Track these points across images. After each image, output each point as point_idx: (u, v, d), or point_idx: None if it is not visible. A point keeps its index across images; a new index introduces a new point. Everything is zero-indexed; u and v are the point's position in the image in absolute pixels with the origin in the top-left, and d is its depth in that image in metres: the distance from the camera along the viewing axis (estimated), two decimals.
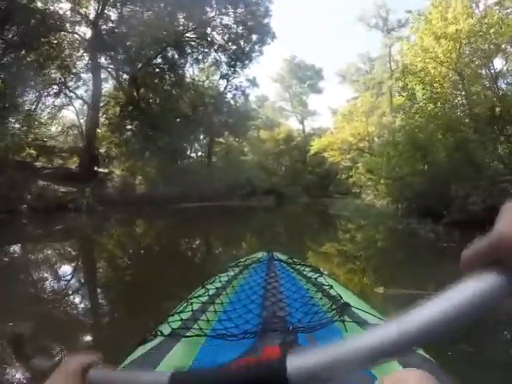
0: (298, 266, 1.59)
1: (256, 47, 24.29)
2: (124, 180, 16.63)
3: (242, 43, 23.85)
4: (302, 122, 45.00)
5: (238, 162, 30.34)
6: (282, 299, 1.19)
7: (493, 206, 7.74)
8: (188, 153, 30.25)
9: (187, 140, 27.90)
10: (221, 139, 31.35)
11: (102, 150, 19.09)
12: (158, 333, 1.01)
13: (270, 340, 0.90)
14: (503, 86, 14.13)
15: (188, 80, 26.18)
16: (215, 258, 7.55)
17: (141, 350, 0.95)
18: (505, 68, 14.43)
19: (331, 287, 1.28)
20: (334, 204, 22.62)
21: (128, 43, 20.78)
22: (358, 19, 30.48)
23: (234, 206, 19.95)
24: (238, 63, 24.53)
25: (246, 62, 24.53)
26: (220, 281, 1.43)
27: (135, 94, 22.51)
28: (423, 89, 13.87)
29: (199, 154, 31.67)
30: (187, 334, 0.99)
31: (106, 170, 18.16)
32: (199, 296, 1.26)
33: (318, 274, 1.46)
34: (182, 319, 1.08)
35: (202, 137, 30.06)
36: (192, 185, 18.57)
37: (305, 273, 1.51)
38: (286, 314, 1.09)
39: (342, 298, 1.17)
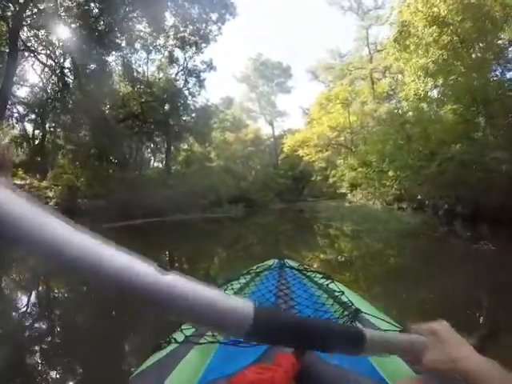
0: (309, 273, 1.55)
1: (214, 27, 20.47)
2: (29, 193, 11.93)
3: (197, 25, 20.04)
4: (271, 124, 42.59)
5: (203, 168, 26.33)
6: (294, 306, 1.18)
7: None
8: (151, 162, 26.58)
9: (135, 145, 23.99)
10: (185, 146, 27.65)
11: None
12: (172, 340, 1.02)
13: (282, 347, 0.84)
14: None
15: (136, 74, 22.14)
16: None
17: (155, 357, 0.97)
18: None
19: (342, 293, 1.28)
20: (315, 208, 18.92)
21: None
22: (328, 3, 27.55)
23: (191, 220, 15.89)
24: (193, 48, 20.68)
25: (203, 44, 20.65)
26: (232, 288, 1.39)
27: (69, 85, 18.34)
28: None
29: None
30: (200, 341, 0.99)
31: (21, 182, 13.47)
32: None
33: (329, 281, 1.43)
34: (195, 326, 1.06)
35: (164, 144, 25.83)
36: (139, 197, 14.41)
37: (316, 279, 1.47)
38: None
39: (353, 304, 1.16)
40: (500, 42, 11.43)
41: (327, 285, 1.39)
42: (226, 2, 19.48)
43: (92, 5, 17.66)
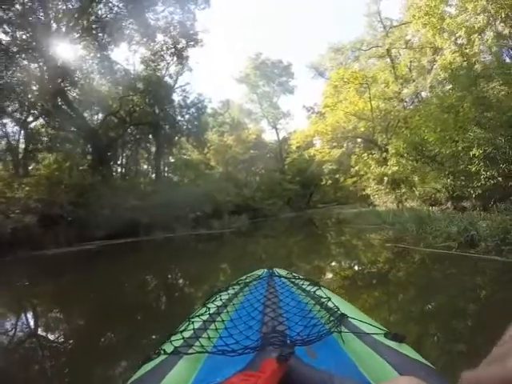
0: (297, 281, 1.57)
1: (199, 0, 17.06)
2: None
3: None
4: (274, 126, 38.88)
5: (200, 175, 22.86)
6: (282, 314, 1.19)
7: None
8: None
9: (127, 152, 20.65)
10: (180, 150, 24.38)
11: None
12: (161, 351, 1.00)
13: (268, 354, 0.88)
14: None
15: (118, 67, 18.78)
16: None
17: (145, 368, 0.95)
18: None
19: (329, 299, 1.27)
20: (332, 215, 15.07)
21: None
22: None
23: (177, 239, 12.20)
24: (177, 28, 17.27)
25: (188, 22, 17.25)
26: (221, 299, 1.40)
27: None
28: None
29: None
30: (189, 352, 0.98)
31: None
32: (200, 314, 1.25)
33: (316, 288, 1.44)
34: (183, 337, 1.06)
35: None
36: (102, 212, 10.87)
37: (304, 287, 1.49)
38: (286, 328, 1.09)
39: (339, 309, 1.16)
40: None
41: (315, 291, 1.39)
42: None
43: None
